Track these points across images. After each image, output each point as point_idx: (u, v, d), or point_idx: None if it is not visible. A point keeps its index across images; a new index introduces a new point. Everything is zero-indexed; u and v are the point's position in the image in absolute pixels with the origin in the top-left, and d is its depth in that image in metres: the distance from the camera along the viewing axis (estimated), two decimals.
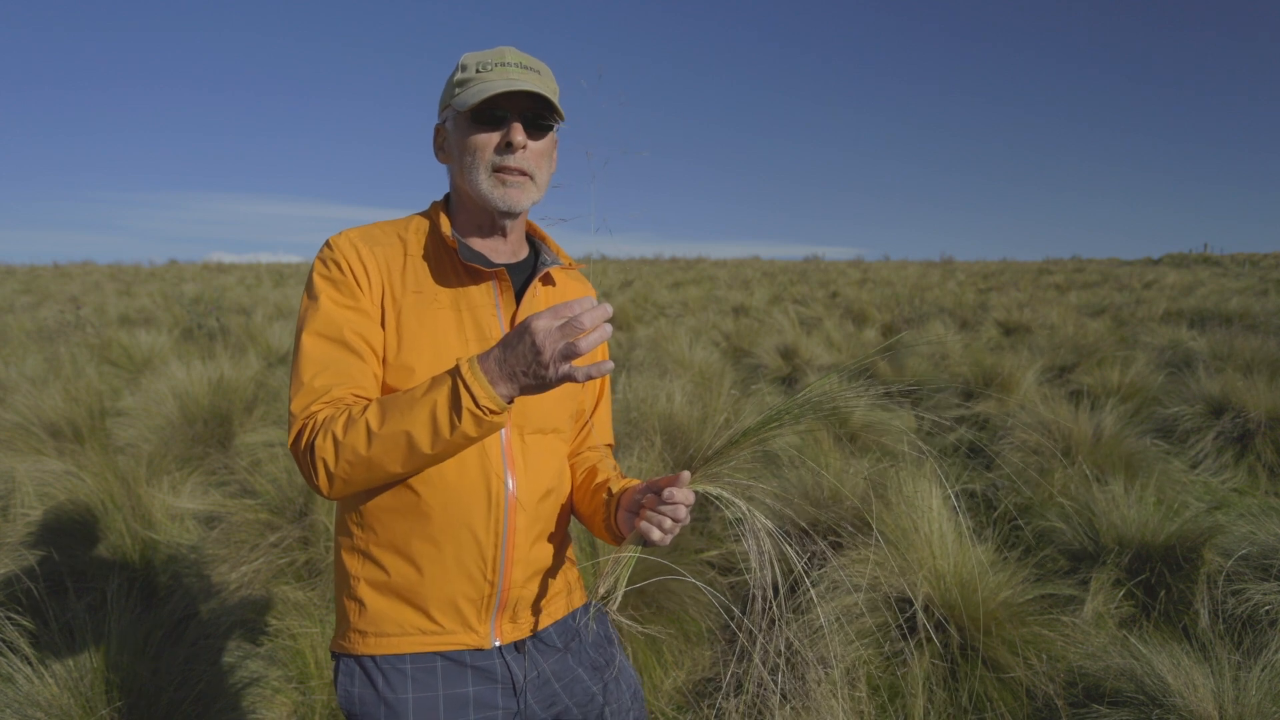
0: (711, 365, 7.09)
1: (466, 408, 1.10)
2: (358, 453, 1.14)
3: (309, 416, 1.19)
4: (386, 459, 1.14)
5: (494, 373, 1.10)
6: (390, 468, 1.16)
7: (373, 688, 1.28)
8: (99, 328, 9.92)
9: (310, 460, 1.16)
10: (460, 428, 1.11)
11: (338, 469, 1.15)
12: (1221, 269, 22.99)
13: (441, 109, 1.36)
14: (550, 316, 1.07)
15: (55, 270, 26.41)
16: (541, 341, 1.06)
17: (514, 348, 1.09)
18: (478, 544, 1.27)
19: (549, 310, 1.07)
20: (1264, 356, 6.63)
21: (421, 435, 1.12)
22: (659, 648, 2.83)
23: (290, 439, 1.20)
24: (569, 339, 1.06)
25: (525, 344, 1.07)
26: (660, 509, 1.21)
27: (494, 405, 1.10)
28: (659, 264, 29.36)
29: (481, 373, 1.10)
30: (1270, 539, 3.16)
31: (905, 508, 3.04)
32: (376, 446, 1.13)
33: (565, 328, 1.06)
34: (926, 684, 2.62)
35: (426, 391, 1.13)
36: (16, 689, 2.25)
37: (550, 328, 1.06)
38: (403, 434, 1.12)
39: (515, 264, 1.39)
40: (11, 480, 3.91)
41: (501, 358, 1.10)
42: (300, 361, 1.23)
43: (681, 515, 1.21)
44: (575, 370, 1.08)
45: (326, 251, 1.29)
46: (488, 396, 1.09)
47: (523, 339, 1.08)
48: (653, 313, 12.80)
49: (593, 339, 1.06)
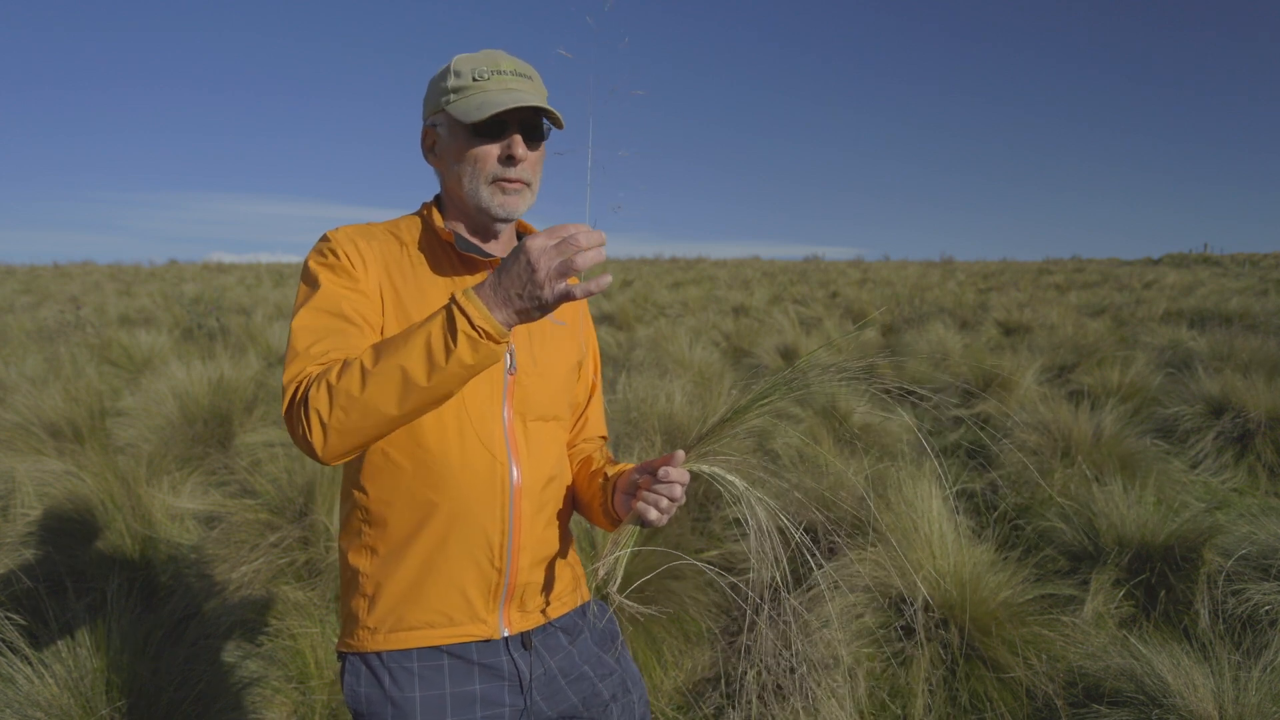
0: (711, 365, 7.09)
1: (462, 330, 1.07)
2: (351, 395, 1.09)
3: (303, 376, 1.16)
4: (381, 398, 1.09)
5: (490, 298, 1.08)
6: (386, 408, 1.10)
7: (379, 686, 1.28)
8: (99, 328, 9.93)
9: (304, 414, 1.12)
10: (456, 353, 1.07)
11: (332, 417, 1.10)
12: (1221, 269, 22.99)
13: (431, 111, 1.35)
14: (545, 236, 1.06)
15: (55, 270, 26.42)
16: (536, 258, 1.05)
17: (509, 269, 1.07)
18: (484, 531, 1.28)
19: (544, 231, 1.06)
20: (1264, 356, 6.63)
21: (416, 367, 1.08)
22: (659, 648, 2.83)
23: (284, 404, 1.17)
24: (565, 256, 1.04)
25: (520, 263, 1.06)
26: (656, 488, 1.21)
27: (490, 327, 1.07)
28: (659, 264, 29.36)
29: (477, 297, 1.08)
30: (1270, 539, 3.16)
31: (905, 508, 3.04)
32: (371, 385, 1.09)
33: (561, 245, 1.04)
34: (926, 684, 2.62)
35: (422, 324, 1.11)
36: (16, 689, 2.25)
37: (545, 245, 1.05)
38: (397, 368, 1.08)
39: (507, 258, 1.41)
40: (11, 480, 3.91)
41: (496, 282, 1.08)
42: (295, 334, 1.21)
43: (677, 494, 1.21)
44: (572, 288, 1.07)
45: (323, 243, 1.29)
46: (483, 318, 1.07)
47: (518, 259, 1.06)
48: (653, 313, 12.80)
49: (589, 256, 1.05)
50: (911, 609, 2.71)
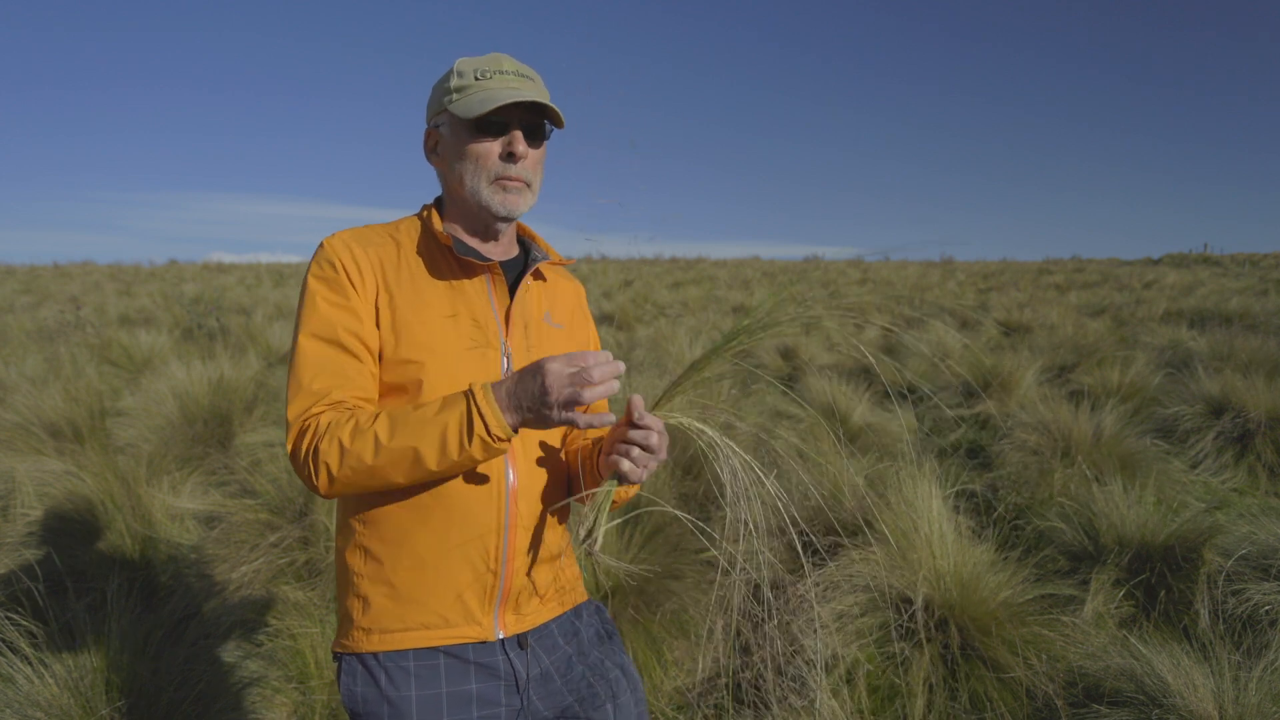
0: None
1: (478, 434, 1.15)
2: (363, 461, 1.17)
3: (311, 418, 1.21)
4: (391, 470, 1.18)
5: (504, 403, 1.16)
6: (393, 478, 1.19)
7: (376, 686, 1.28)
8: (99, 328, 9.92)
9: (313, 464, 1.19)
10: (469, 451, 1.16)
11: (340, 473, 1.18)
12: (1221, 269, 22.99)
13: (435, 112, 1.37)
14: (564, 362, 1.12)
15: (55, 270, 26.41)
16: (551, 384, 1.12)
17: (525, 384, 1.15)
18: (480, 534, 1.28)
19: (564, 356, 1.13)
20: (1264, 356, 6.62)
21: (429, 453, 1.16)
22: (659, 648, 2.83)
23: (290, 443, 1.22)
24: (576, 387, 1.11)
25: (536, 383, 1.13)
26: (631, 435, 1.23)
27: (503, 434, 1.15)
28: (659, 264, 29.35)
29: (494, 400, 1.15)
30: (1270, 539, 3.16)
31: (905, 508, 3.04)
32: (383, 458, 1.16)
33: (576, 376, 1.11)
34: (926, 684, 2.62)
35: (439, 412, 1.17)
36: (16, 689, 2.25)
37: (562, 373, 1.12)
38: (410, 450, 1.16)
39: (507, 261, 1.42)
40: (11, 480, 3.91)
41: (512, 390, 1.16)
42: (297, 365, 1.25)
43: (653, 442, 1.22)
44: (577, 417, 1.14)
45: (320, 252, 1.30)
46: (499, 425, 1.15)
47: (535, 377, 1.13)
48: (653, 313, 12.80)
49: (599, 391, 1.12)
50: (911, 609, 2.71)
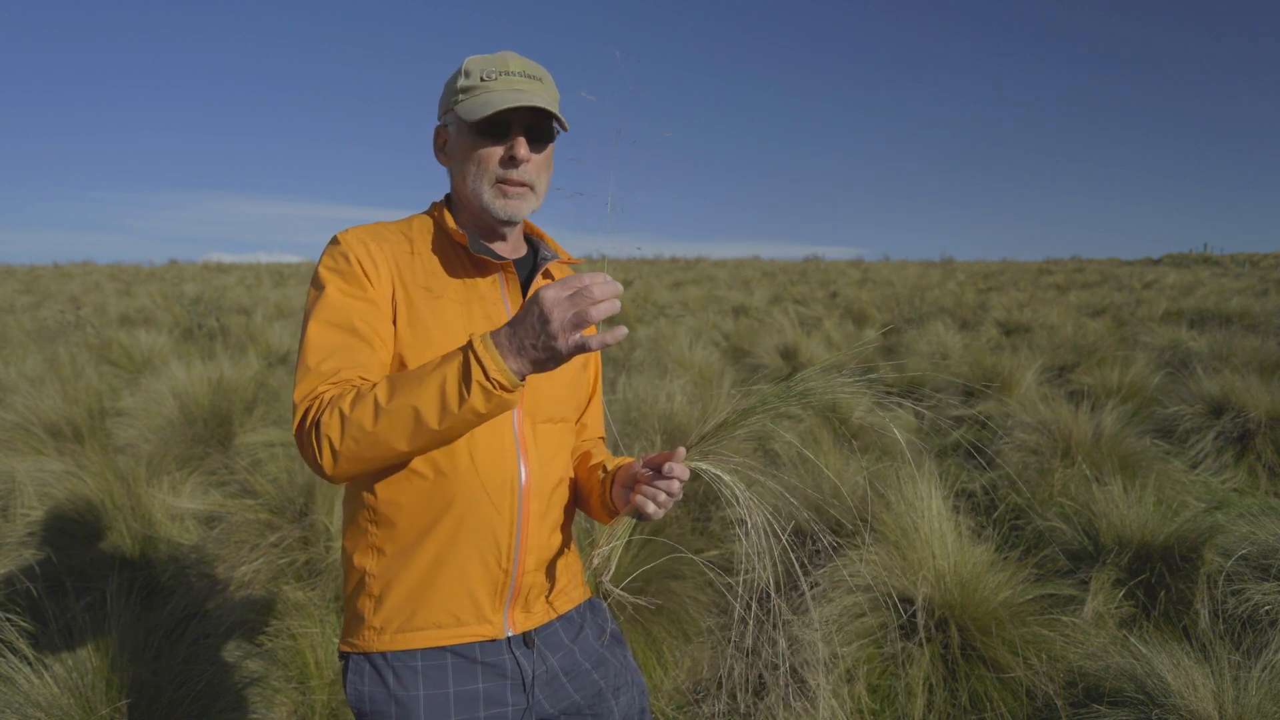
0: (712, 365, 7.09)
1: (476, 380, 1.08)
2: (363, 428, 1.12)
3: (315, 397, 1.18)
4: (393, 435, 1.12)
5: (505, 347, 1.09)
6: (396, 444, 1.13)
7: (383, 685, 1.28)
8: (99, 328, 9.92)
9: (316, 438, 1.14)
10: (469, 401, 1.09)
11: (343, 446, 1.13)
12: (1221, 269, 22.99)
13: (443, 111, 1.37)
14: (559, 287, 1.05)
15: (55, 270, 26.41)
16: (549, 309, 1.04)
17: (523, 320, 1.08)
18: (493, 532, 1.28)
19: (558, 281, 1.06)
20: (1264, 356, 6.63)
21: (430, 410, 1.10)
22: (659, 647, 2.83)
23: (295, 422, 1.18)
24: (578, 308, 1.04)
25: (534, 314, 1.06)
26: (656, 483, 1.24)
27: (504, 379, 1.08)
28: (659, 264, 29.35)
29: (494, 346, 1.09)
30: (1270, 539, 3.16)
31: (905, 508, 3.04)
32: (383, 421, 1.11)
33: (575, 297, 1.04)
34: (926, 684, 2.62)
35: (437, 366, 1.12)
36: (16, 689, 2.25)
37: (559, 297, 1.05)
38: (410, 408, 1.10)
39: (517, 260, 1.42)
40: (11, 480, 3.91)
41: (512, 332, 1.09)
42: (306, 349, 1.22)
43: (675, 490, 1.24)
44: (588, 339, 1.07)
45: (333, 246, 1.29)
46: (498, 369, 1.08)
47: (531, 310, 1.07)
48: (653, 313, 12.80)
49: (603, 308, 1.04)
50: (911, 609, 2.71)
